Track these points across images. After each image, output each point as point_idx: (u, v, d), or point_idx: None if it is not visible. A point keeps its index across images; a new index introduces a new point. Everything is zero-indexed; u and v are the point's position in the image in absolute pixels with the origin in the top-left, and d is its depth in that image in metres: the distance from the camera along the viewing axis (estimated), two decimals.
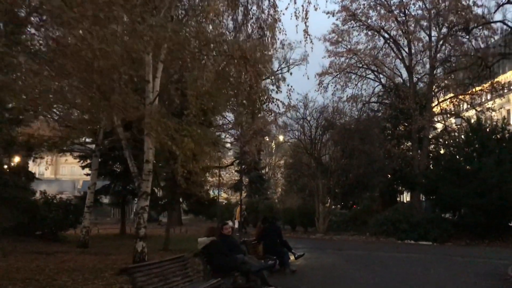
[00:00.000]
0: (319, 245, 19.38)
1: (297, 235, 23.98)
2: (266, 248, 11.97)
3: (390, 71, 28.09)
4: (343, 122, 24.11)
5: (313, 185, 24.13)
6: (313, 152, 23.69)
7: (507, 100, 37.92)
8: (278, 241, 12.20)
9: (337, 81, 28.49)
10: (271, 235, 12.13)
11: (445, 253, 16.78)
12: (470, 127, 24.28)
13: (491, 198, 20.23)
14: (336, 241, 21.70)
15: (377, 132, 24.62)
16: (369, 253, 16.57)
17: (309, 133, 23.46)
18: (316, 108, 23.32)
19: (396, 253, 16.77)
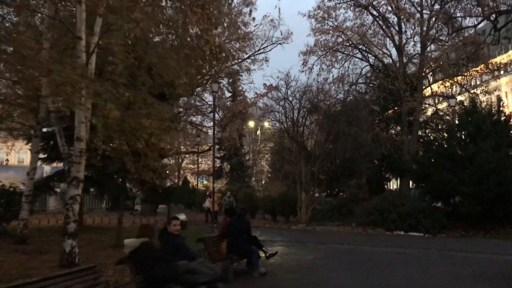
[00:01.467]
0: (299, 238, 17.03)
1: (278, 225, 21.63)
2: (230, 246, 9.56)
3: (379, 50, 25.66)
4: (328, 104, 21.62)
5: (295, 171, 21.72)
6: (295, 136, 21.24)
7: (498, 85, 35.78)
8: (245, 237, 9.78)
9: (322, 61, 26.09)
10: (237, 231, 9.71)
11: (440, 247, 14.53)
12: (464, 110, 22.05)
13: (488, 185, 18.04)
14: (319, 232, 19.38)
15: (364, 115, 22.23)
16: (355, 248, 14.25)
17: (291, 114, 20.98)
18: (299, 87, 20.82)
19: (386, 248, 14.48)
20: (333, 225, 21.02)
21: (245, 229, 9.78)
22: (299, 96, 20.81)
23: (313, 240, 16.37)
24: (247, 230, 9.82)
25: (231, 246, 9.54)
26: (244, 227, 9.77)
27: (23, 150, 52.59)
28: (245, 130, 33.24)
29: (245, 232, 9.73)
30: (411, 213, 19.38)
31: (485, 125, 20.56)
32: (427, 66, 25.23)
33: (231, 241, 9.58)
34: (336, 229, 20.26)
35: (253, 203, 23.49)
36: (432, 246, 14.94)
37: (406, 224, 19.28)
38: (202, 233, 12.69)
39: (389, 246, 14.88)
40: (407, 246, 14.93)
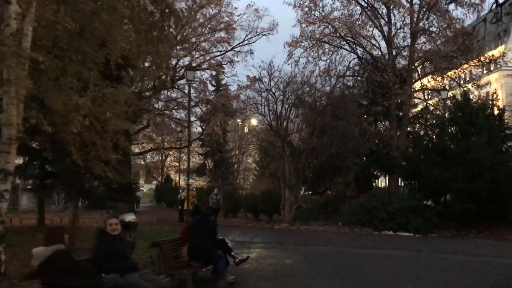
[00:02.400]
0: (281, 238, 15.52)
1: (260, 224, 20.09)
2: (192, 251, 8.01)
3: (368, 41, 24.24)
4: (314, 97, 20.12)
5: (279, 167, 20.22)
6: (279, 130, 19.73)
7: (488, 81, 34.65)
8: (210, 241, 8.22)
9: (309, 53, 24.63)
10: (200, 233, 8.14)
11: (432, 249, 13.11)
12: (456, 103, 20.74)
13: (482, 182, 16.71)
14: (303, 232, 17.89)
15: (352, 108, 20.77)
16: (340, 250, 12.76)
17: (274, 107, 19.46)
18: (282, 78, 19.30)
19: (374, 249, 13.03)
20: (318, 225, 19.56)
21: (210, 231, 8.21)
22: (283, 88, 19.30)
23: (295, 241, 14.87)
24: (212, 233, 8.26)
25: (193, 251, 7.99)
26: (208, 229, 8.21)
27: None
28: (230, 126, 31.72)
29: (210, 235, 8.17)
30: (400, 212, 18.00)
31: (478, 119, 19.28)
32: (417, 59, 23.92)
33: (193, 245, 8.03)
34: (321, 228, 18.80)
35: (235, 201, 21.94)
36: (424, 247, 13.52)
37: (395, 223, 17.89)
38: (166, 235, 11.15)
39: (377, 247, 13.44)
40: (397, 247, 13.50)
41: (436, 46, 23.10)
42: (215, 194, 21.18)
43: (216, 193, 21.29)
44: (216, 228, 8.58)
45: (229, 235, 15.87)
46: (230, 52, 25.87)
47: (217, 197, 21.05)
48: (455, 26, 22.94)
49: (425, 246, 13.82)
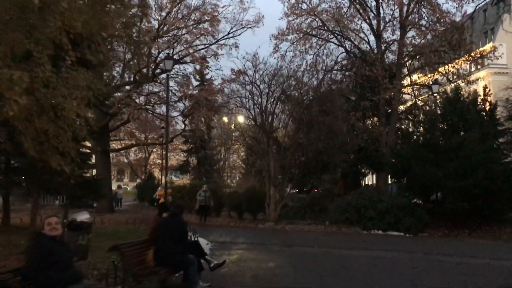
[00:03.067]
0: (265, 239, 14.47)
1: (243, 223, 18.99)
2: (159, 256, 6.91)
3: (356, 35, 23.30)
4: (301, 91, 19.09)
5: (263, 164, 19.17)
6: (264, 125, 18.67)
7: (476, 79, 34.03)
8: (179, 243, 7.12)
9: (296, 47, 23.61)
10: (168, 235, 7.04)
11: (425, 250, 12.19)
12: (447, 98, 19.94)
13: (476, 179, 15.87)
14: (289, 232, 16.87)
15: (339, 103, 19.81)
16: (327, 252, 11.75)
17: (258, 99, 18.38)
18: (268, 70, 18.23)
19: (363, 251, 12.05)
20: (305, 224, 18.56)
21: (179, 232, 7.11)
22: (268, 81, 18.24)
23: (280, 241, 13.83)
24: (181, 234, 7.15)
25: (160, 255, 6.90)
26: (178, 230, 7.10)
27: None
28: (216, 122, 30.56)
29: (179, 237, 7.07)
30: (390, 210, 17.10)
31: (470, 115, 18.48)
32: (407, 53, 23.06)
33: (160, 248, 6.93)
34: (308, 228, 17.80)
35: (218, 199, 20.80)
36: (416, 248, 12.60)
37: (384, 222, 16.99)
38: (139, 236, 10.02)
39: (367, 248, 12.46)
40: (388, 248, 12.54)
41: (426, 40, 22.26)
42: (203, 191, 19.28)
43: (205, 190, 19.35)
44: (187, 228, 7.47)
45: (210, 235, 14.82)
46: (214, 45, 24.72)
47: (206, 194, 19.12)
48: (446, 20, 22.14)
49: (417, 247, 12.91)
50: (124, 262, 6.65)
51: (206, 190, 19.36)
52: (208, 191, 19.45)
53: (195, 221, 19.45)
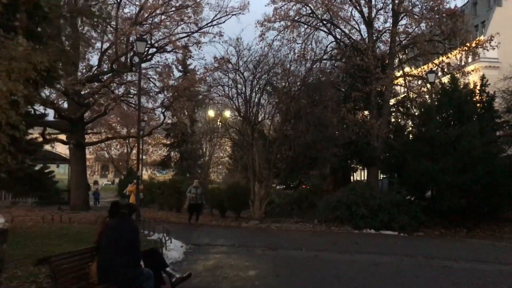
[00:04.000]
0: (247, 240, 12.94)
1: (226, 222, 17.42)
2: (103, 268, 5.31)
3: (346, 23, 21.79)
4: (288, 80, 17.54)
5: (247, 158, 17.63)
6: (248, 116, 17.10)
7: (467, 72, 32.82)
8: (129, 252, 5.51)
9: (283, 35, 22.01)
10: (114, 242, 5.43)
11: (425, 253, 10.80)
12: (443, 89, 18.59)
13: (476, 175, 14.55)
14: (274, 232, 15.36)
15: (329, 94, 18.31)
16: (317, 256, 10.24)
17: (242, 88, 16.79)
18: (252, 56, 16.65)
19: (357, 255, 10.57)
20: (292, 222, 17.08)
21: (128, 240, 5.49)
22: (253, 67, 16.64)
23: (264, 243, 12.31)
24: (132, 242, 5.54)
25: (105, 269, 5.31)
26: (126, 237, 5.49)
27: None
28: (199, 116, 28.84)
29: (129, 245, 5.47)
30: (383, 208, 15.73)
31: (468, 106, 17.14)
32: (399, 42, 21.65)
33: (105, 259, 5.35)
34: (295, 227, 16.32)
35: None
36: (415, 251, 11.19)
37: (377, 220, 15.61)
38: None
39: (361, 251, 11.00)
40: (384, 251, 11.12)
41: (419, 29, 20.89)
42: (194, 187, 16.70)
43: (196, 186, 16.80)
44: (138, 234, 5.86)
45: (187, 236, 13.26)
46: (197, 33, 22.97)
47: (197, 190, 16.57)
48: (440, 7, 20.77)
49: (415, 249, 11.52)
50: (55, 279, 5.04)
51: (197, 186, 16.90)
52: (200, 187, 17.08)
53: (183, 221, 17.93)
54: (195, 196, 16.49)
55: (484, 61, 35.64)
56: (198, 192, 16.61)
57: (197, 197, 16.56)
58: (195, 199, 16.50)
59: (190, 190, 16.71)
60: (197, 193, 16.56)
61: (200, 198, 16.79)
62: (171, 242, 11.35)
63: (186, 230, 15.44)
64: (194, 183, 17.18)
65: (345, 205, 16.06)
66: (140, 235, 5.83)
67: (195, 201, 16.55)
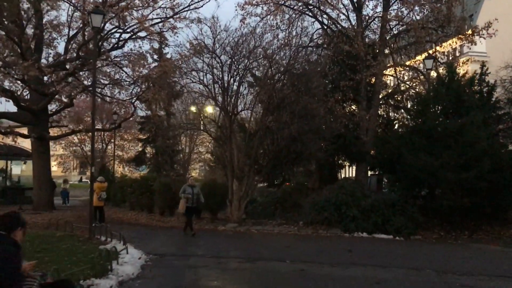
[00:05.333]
0: (222, 247, 10.81)
1: (200, 225, 15.14)
2: None
3: (334, 7, 19.72)
4: (271, 66, 15.39)
5: (225, 153, 15.47)
6: (225, 105, 14.90)
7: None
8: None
9: (266, 21, 19.85)
10: None
11: (432, 263, 8.82)
12: (439, 78, 16.71)
13: (481, 170, 12.64)
14: (254, 236, 13.25)
15: (316, 83, 16.20)
16: (302, 271, 8.12)
17: (219, 73, 14.57)
18: (231, 36, 14.44)
19: (353, 268, 8.49)
20: (275, 224, 14.97)
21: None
22: (231, 50, 14.43)
23: (241, 251, 10.19)
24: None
25: None
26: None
27: None
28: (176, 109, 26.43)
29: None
30: (376, 208, 13.74)
31: (468, 96, 15.25)
32: (390, 30, 19.74)
33: None
34: (278, 230, 14.22)
35: (172, 195, 16.89)
36: (420, 261, 9.21)
37: (370, 222, 13.62)
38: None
39: (357, 263, 8.92)
40: (383, 262, 9.07)
41: (413, 13, 18.97)
42: (189, 186, 13.22)
43: (192, 184, 13.38)
44: (11, 260, 3.60)
45: (150, 244, 11.05)
46: (172, 18, 20.62)
47: (193, 190, 13.12)
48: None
49: (419, 259, 9.53)
50: None
51: (193, 184, 13.50)
52: (196, 186, 13.75)
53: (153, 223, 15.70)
54: (192, 197, 12.97)
55: (473, 55, 34.12)
56: (195, 192, 13.12)
57: (193, 198, 13.02)
58: (191, 201, 12.95)
59: (185, 190, 13.09)
60: (193, 193, 13.04)
61: (198, 199, 13.20)
62: (128, 253, 9.17)
63: (153, 235, 13.21)
64: (189, 181, 13.69)
65: (333, 205, 14.02)
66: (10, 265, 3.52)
67: (191, 203, 12.95)
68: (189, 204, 12.90)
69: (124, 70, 22.03)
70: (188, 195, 12.94)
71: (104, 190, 15.33)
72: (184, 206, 12.88)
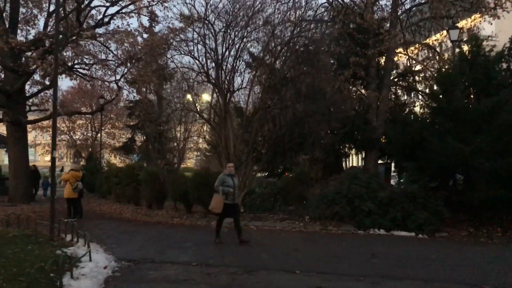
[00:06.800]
0: (213, 251, 8.55)
1: (191, 220, 12.92)
2: None
3: None
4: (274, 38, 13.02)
5: (219, 137, 13.18)
6: (220, 82, 12.56)
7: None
8: None
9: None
10: None
11: (481, 273, 6.64)
12: (462, 54, 14.38)
13: None
14: (253, 234, 10.97)
15: (323, 60, 13.87)
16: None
17: (212, 44, 12.22)
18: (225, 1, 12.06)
19: (380, 281, 6.27)
20: (276, 219, 12.76)
21: None
22: (227, 18, 12.06)
23: (236, 256, 7.97)
24: None
25: None
26: None
27: None
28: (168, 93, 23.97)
29: None
30: (395, 202, 11.52)
31: (496, 73, 12.97)
32: (401, 4, 17.37)
33: None
34: (281, 226, 12.00)
35: (160, 186, 14.62)
36: (468, 270, 7.01)
37: (388, 218, 11.41)
38: None
39: (389, 276, 6.69)
40: (423, 272, 6.85)
41: None
42: (229, 175, 9.42)
43: (231, 174, 9.52)
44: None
45: (127, 245, 8.82)
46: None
47: (233, 180, 9.41)
48: None
49: (464, 267, 7.31)
50: None
51: (234, 174, 9.70)
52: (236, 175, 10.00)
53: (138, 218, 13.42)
54: (233, 190, 9.29)
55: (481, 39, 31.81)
56: (235, 183, 9.44)
57: (235, 193, 9.39)
58: (232, 197, 9.26)
59: (224, 180, 9.27)
60: (234, 186, 9.38)
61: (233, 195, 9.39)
62: (91, 260, 6.93)
63: (134, 233, 10.97)
64: (228, 169, 9.65)
65: (345, 198, 11.80)
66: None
67: (231, 199, 9.28)
68: (229, 200, 9.21)
69: (110, 49, 19.67)
70: (229, 188, 9.20)
71: (79, 179, 13.03)
72: (222, 203, 9.11)
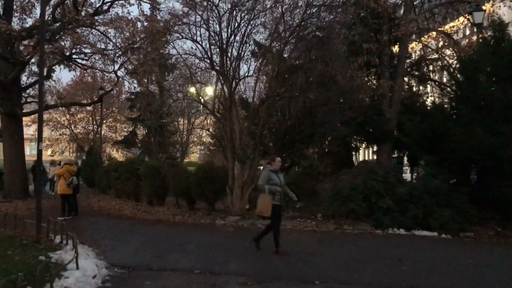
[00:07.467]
0: (218, 255, 7.55)
1: (194, 218, 11.91)
2: None
3: None
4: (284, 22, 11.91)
5: (224, 129, 12.15)
6: (224, 68, 11.50)
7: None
8: None
9: None
10: None
11: None
12: (484, 40, 13.23)
13: None
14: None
15: (336, 45, 12.76)
16: None
17: (216, 28, 11.15)
18: None
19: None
20: (287, 217, 11.65)
21: None
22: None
23: (245, 262, 6.98)
24: None
25: None
26: None
27: None
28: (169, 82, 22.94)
29: None
30: (416, 198, 10.48)
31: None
32: None
33: None
34: (291, 225, 10.96)
35: (161, 182, 13.60)
36: (508, 278, 5.95)
37: (408, 216, 10.37)
38: None
39: (422, 286, 5.64)
40: (466, 285, 5.79)
41: None
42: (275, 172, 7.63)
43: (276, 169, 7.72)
44: None
45: (122, 247, 7.83)
46: None
47: (279, 177, 7.66)
48: None
49: (506, 275, 6.24)
50: None
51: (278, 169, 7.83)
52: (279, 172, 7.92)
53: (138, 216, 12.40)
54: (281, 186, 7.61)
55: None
56: (282, 180, 7.69)
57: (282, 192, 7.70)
58: (279, 197, 7.56)
59: (270, 178, 7.51)
60: (281, 184, 7.62)
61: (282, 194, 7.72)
62: (78, 268, 5.94)
63: (132, 232, 9.98)
64: (272, 164, 7.77)
65: (361, 195, 10.77)
66: None
67: (279, 199, 7.58)
68: (277, 201, 7.50)
69: (109, 38, 18.60)
70: (277, 187, 7.47)
71: (74, 174, 12.05)
72: (270, 204, 7.37)
